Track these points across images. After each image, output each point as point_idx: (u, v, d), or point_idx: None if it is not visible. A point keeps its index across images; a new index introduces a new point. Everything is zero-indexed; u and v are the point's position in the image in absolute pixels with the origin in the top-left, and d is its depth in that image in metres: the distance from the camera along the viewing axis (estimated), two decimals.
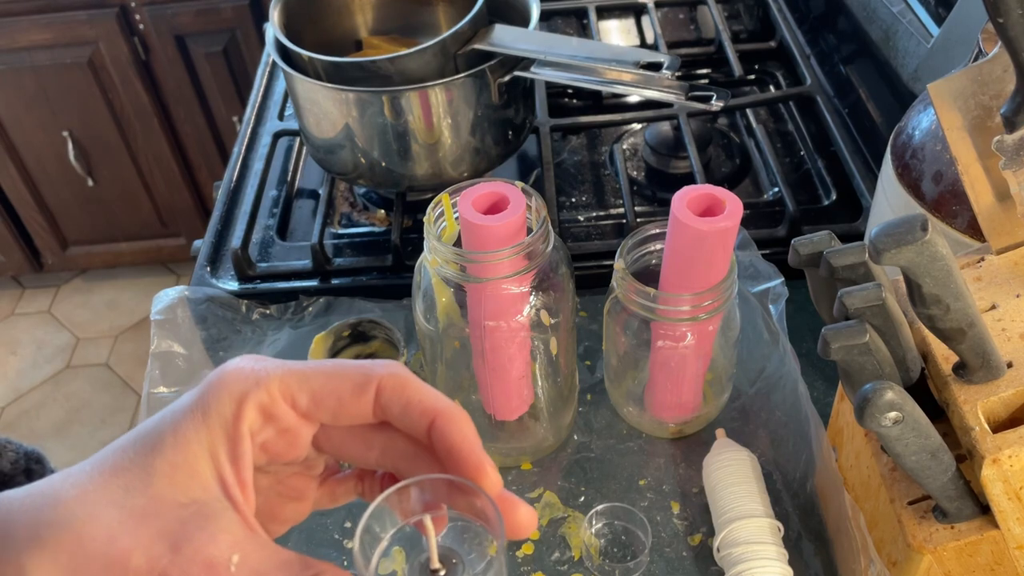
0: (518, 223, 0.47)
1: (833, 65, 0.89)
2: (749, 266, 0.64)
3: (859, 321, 0.37)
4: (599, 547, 0.54)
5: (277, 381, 0.26)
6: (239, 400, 0.26)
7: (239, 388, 0.26)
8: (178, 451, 0.25)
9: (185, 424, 0.25)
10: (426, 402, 0.27)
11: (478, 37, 0.67)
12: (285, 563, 0.25)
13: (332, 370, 0.27)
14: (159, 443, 0.25)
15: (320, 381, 0.27)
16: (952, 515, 0.40)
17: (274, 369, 0.27)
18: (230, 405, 0.26)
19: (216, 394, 0.26)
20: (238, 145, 0.85)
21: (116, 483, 0.25)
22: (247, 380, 0.26)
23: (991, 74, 0.42)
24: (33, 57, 1.48)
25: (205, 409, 0.26)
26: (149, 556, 0.24)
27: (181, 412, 0.26)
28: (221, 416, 0.26)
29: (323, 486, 0.32)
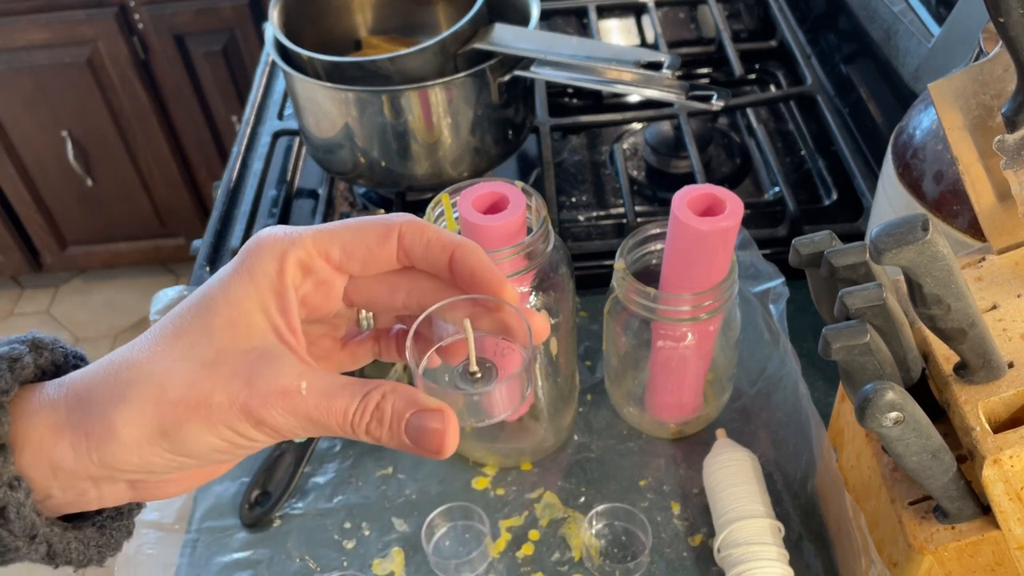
0: (518, 223, 0.47)
1: (834, 64, 0.89)
2: (750, 266, 0.64)
3: (860, 321, 0.37)
4: (599, 548, 0.54)
5: (311, 239, 0.29)
6: (280, 258, 0.28)
7: (279, 248, 0.28)
8: (232, 309, 0.28)
9: (234, 286, 0.28)
10: (444, 238, 0.30)
11: (478, 36, 0.67)
12: (347, 384, 0.28)
13: (357, 225, 0.30)
14: (213, 305, 0.28)
15: (348, 235, 0.29)
16: (953, 515, 0.40)
17: (306, 230, 0.29)
18: (273, 263, 0.28)
19: (259, 255, 0.28)
20: (237, 145, 0.84)
21: (182, 343, 0.27)
22: (284, 240, 0.29)
23: (992, 73, 0.42)
24: (32, 57, 1.48)
25: (251, 270, 0.28)
26: (228, 392, 0.27)
27: (228, 277, 0.28)
28: (266, 274, 0.28)
29: (345, 348, 0.34)
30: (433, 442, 0.28)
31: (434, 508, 0.55)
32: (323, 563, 0.54)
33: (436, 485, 0.58)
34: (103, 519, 0.31)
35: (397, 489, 0.58)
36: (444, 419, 0.28)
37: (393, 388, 0.28)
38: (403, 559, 0.54)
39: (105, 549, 0.31)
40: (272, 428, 0.27)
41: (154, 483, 0.29)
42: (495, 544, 0.54)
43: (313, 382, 0.28)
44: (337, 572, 0.54)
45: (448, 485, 0.58)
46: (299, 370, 0.28)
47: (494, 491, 0.57)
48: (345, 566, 0.54)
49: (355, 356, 0.34)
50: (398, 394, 0.28)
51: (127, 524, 0.32)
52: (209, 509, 0.57)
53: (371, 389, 0.28)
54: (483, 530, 0.54)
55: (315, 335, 0.33)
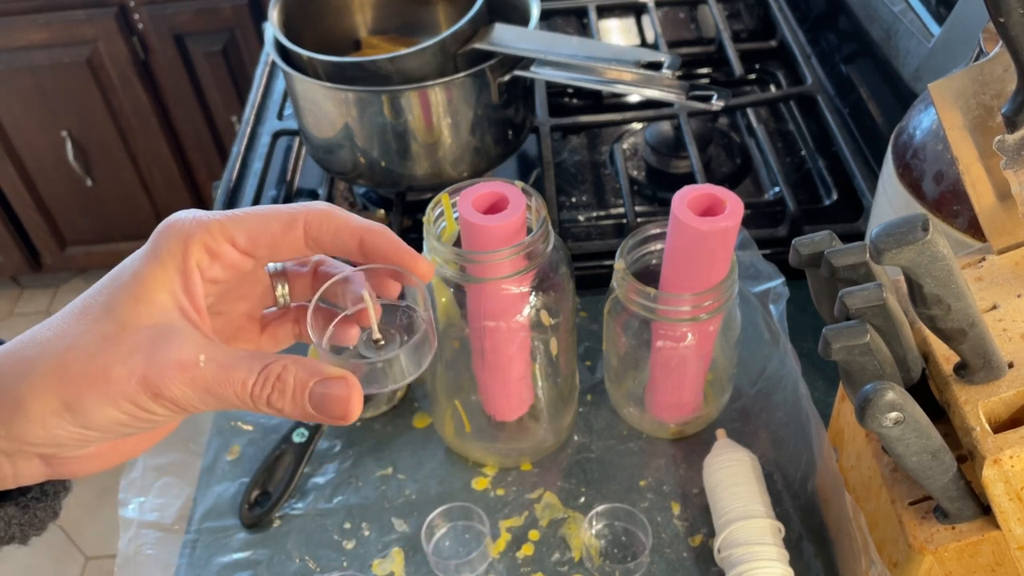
0: (518, 223, 0.47)
1: (834, 64, 0.89)
2: (750, 266, 0.64)
3: (860, 321, 0.37)
4: (599, 548, 0.54)
5: (217, 224, 0.30)
6: (186, 240, 0.30)
7: (185, 231, 0.30)
8: (137, 286, 0.29)
9: (141, 266, 0.29)
10: (352, 224, 0.31)
11: (478, 36, 0.67)
12: (247, 355, 0.29)
13: (263, 212, 0.31)
14: (118, 284, 0.29)
15: (254, 222, 0.31)
16: (953, 516, 0.40)
17: (214, 215, 0.30)
18: (178, 245, 0.29)
19: (165, 239, 0.30)
20: (237, 145, 0.84)
21: (87, 319, 0.28)
22: (192, 224, 0.30)
23: (992, 74, 0.42)
24: (32, 57, 1.48)
25: (157, 251, 0.29)
26: (127, 365, 0.27)
27: (136, 259, 0.30)
28: (172, 256, 0.29)
29: (265, 331, 0.35)
30: (337, 408, 0.29)
31: (434, 508, 0.55)
32: (323, 563, 0.54)
33: (436, 485, 0.58)
34: (27, 499, 0.32)
35: (397, 489, 0.58)
36: (347, 385, 0.29)
37: (294, 360, 0.29)
38: (403, 559, 0.54)
39: (28, 528, 0.32)
40: (171, 401, 0.28)
41: (68, 459, 0.30)
42: (495, 544, 0.54)
43: (212, 354, 0.28)
44: (337, 572, 0.54)
45: (448, 485, 0.58)
46: (200, 344, 0.28)
47: (494, 491, 0.57)
48: (345, 566, 0.54)
49: (276, 338, 0.35)
50: (299, 365, 0.29)
51: (52, 505, 0.33)
52: (209, 509, 0.57)
53: (272, 361, 0.29)
54: (483, 530, 0.54)
55: (235, 316, 0.34)
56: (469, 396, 0.57)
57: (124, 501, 0.54)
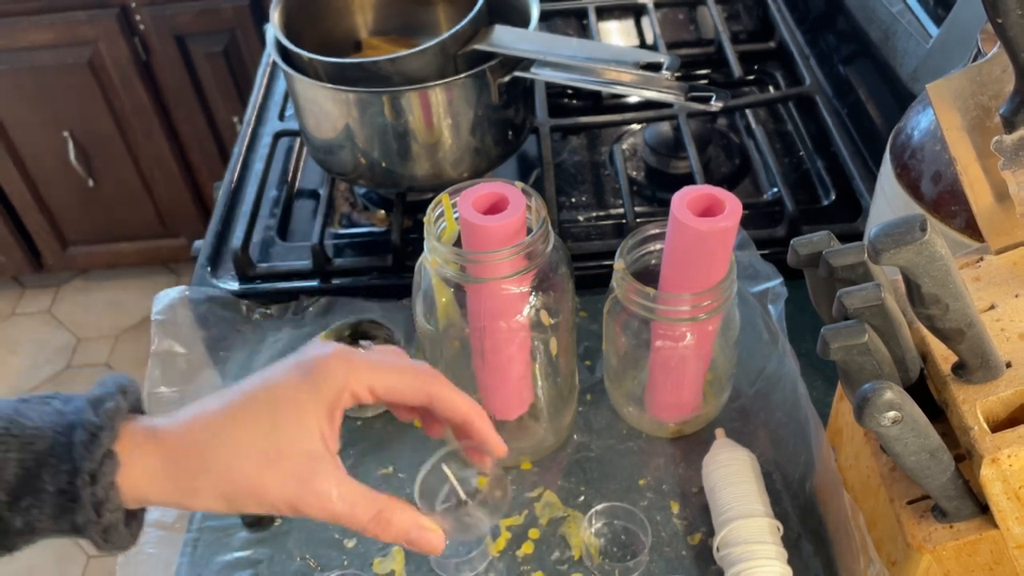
0: (518, 223, 0.47)
1: (832, 65, 0.89)
2: (748, 266, 0.64)
3: (858, 321, 0.37)
4: (599, 547, 0.54)
5: (366, 378, 0.38)
6: (340, 388, 0.37)
7: (341, 379, 0.37)
8: (297, 414, 0.37)
9: (302, 394, 0.37)
10: (461, 410, 0.40)
11: (478, 37, 0.67)
12: (365, 494, 0.37)
13: (404, 378, 0.39)
14: (282, 405, 0.37)
15: (396, 383, 0.39)
16: (951, 515, 0.40)
17: (363, 367, 0.38)
18: (334, 387, 0.37)
19: (325, 377, 0.37)
20: (238, 145, 0.85)
21: (252, 429, 0.36)
22: (346, 375, 0.37)
23: (990, 74, 0.42)
24: (33, 57, 1.48)
25: (317, 386, 0.37)
26: (283, 490, 0.36)
27: (296, 386, 0.37)
28: (326, 397, 0.37)
29: None
30: (427, 549, 0.39)
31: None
32: (324, 562, 0.54)
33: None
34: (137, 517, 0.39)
35: (398, 488, 0.58)
36: (438, 536, 0.39)
37: (400, 507, 0.38)
38: (403, 558, 0.54)
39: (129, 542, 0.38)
40: (305, 515, 0.37)
41: None
42: (495, 543, 0.54)
43: (342, 492, 0.36)
44: (338, 571, 0.54)
45: None
46: (335, 477, 0.37)
47: None
48: (345, 565, 0.54)
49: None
50: (404, 512, 0.38)
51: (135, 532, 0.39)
52: None
53: (383, 507, 0.37)
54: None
55: None
56: (469, 395, 0.57)
57: None
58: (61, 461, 0.34)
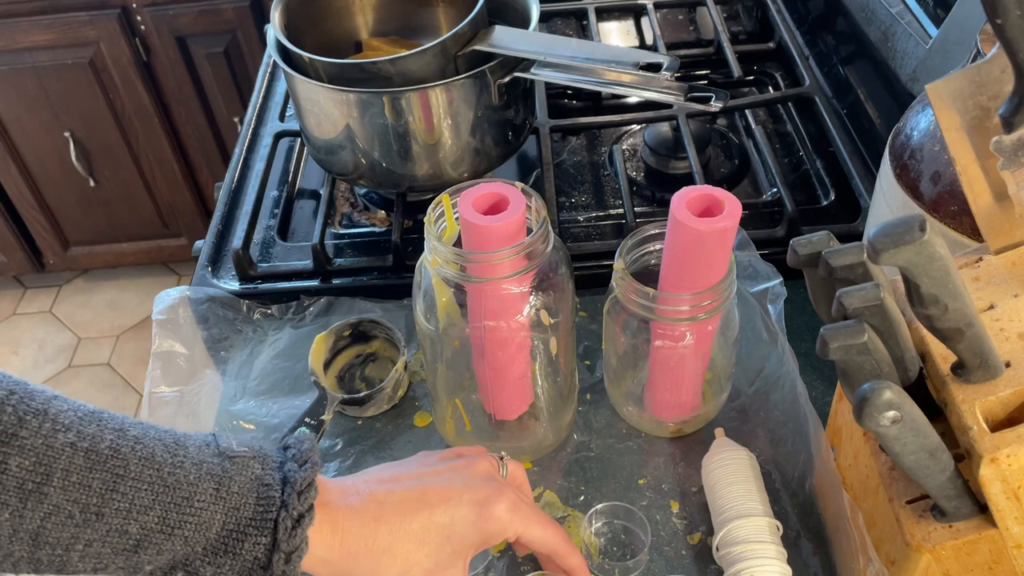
0: (518, 223, 0.47)
1: (832, 66, 0.89)
2: (748, 266, 0.64)
3: (857, 321, 0.37)
4: (599, 546, 0.54)
5: (522, 531, 0.44)
6: (502, 532, 0.44)
7: (506, 532, 0.44)
8: (462, 552, 0.43)
9: (470, 538, 0.43)
10: (572, 566, 0.47)
11: (478, 38, 0.67)
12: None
13: (545, 535, 0.46)
14: (453, 540, 0.42)
15: (538, 538, 0.45)
16: (950, 514, 0.40)
17: (525, 524, 0.44)
18: (495, 538, 0.44)
19: (494, 529, 0.43)
20: (239, 146, 0.85)
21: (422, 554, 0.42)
22: (510, 528, 0.44)
23: (989, 75, 0.42)
24: (35, 58, 1.48)
25: (483, 535, 0.43)
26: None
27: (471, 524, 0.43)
28: (491, 537, 0.44)
29: None
30: None
31: None
32: None
33: None
34: None
35: None
36: None
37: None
38: None
39: None
40: None
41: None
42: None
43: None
44: None
45: None
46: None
47: None
48: None
49: None
50: None
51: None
52: None
53: None
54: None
55: None
56: (469, 395, 0.57)
57: None
58: (261, 534, 0.37)
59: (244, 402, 0.64)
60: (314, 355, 0.62)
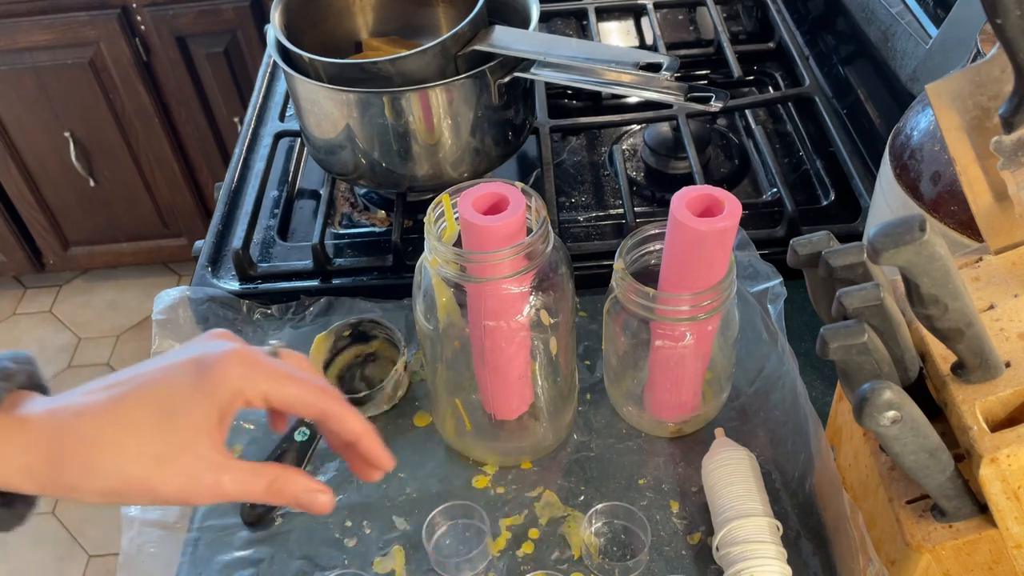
0: (518, 223, 0.47)
1: (832, 66, 0.89)
2: (748, 266, 0.64)
3: (857, 321, 0.37)
4: (599, 546, 0.54)
5: (263, 386, 0.37)
6: (235, 392, 0.37)
7: (238, 383, 0.37)
8: (188, 418, 0.36)
9: (195, 399, 0.36)
10: (355, 429, 0.40)
11: (478, 38, 0.67)
12: (255, 469, 0.38)
13: (301, 391, 0.38)
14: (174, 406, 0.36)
15: (290, 395, 0.38)
16: (950, 514, 0.40)
17: (263, 375, 0.37)
18: (227, 394, 0.37)
19: (220, 381, 0.37)
20: (239, 146, 0.85)
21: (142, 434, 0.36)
22: (243, 379, 0.37)
23: (989, 75, 0.42)
24: (35, 58, 1.48)
25: (210, 392, 0.37)
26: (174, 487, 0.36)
27: (190, 385, 0.37)
28: (220, 400, 0.37)
29: None
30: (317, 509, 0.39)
31: (435, 507, 0.55)
32: (324, 562, 0.54)
33: (437, 484, 0.58)
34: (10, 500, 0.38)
35: (398, 488, 0.58)
36: (327, 496, 0.39)
37: (292, 475, 0.38)
38: (404, 557, 0.54)
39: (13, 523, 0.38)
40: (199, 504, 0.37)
41: None
42: (495, 542, 0.55)
43: (233, 476, 0.37)
44: (338, 571, 0.54)
45: (448, 484, 0.58)
46: (223, 466, 0.37)
47: (494, 490, 0.57)
48: (346, 564, 0.54)
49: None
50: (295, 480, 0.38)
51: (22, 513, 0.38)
52: (211, 508, 0.57)
53: (274, 477, 0.38)
54: (483, 528, 0.54)
55: None
56: (469, 395, 0.57)
57: None
58: None
59: None
60: (314, 355, 0.62)
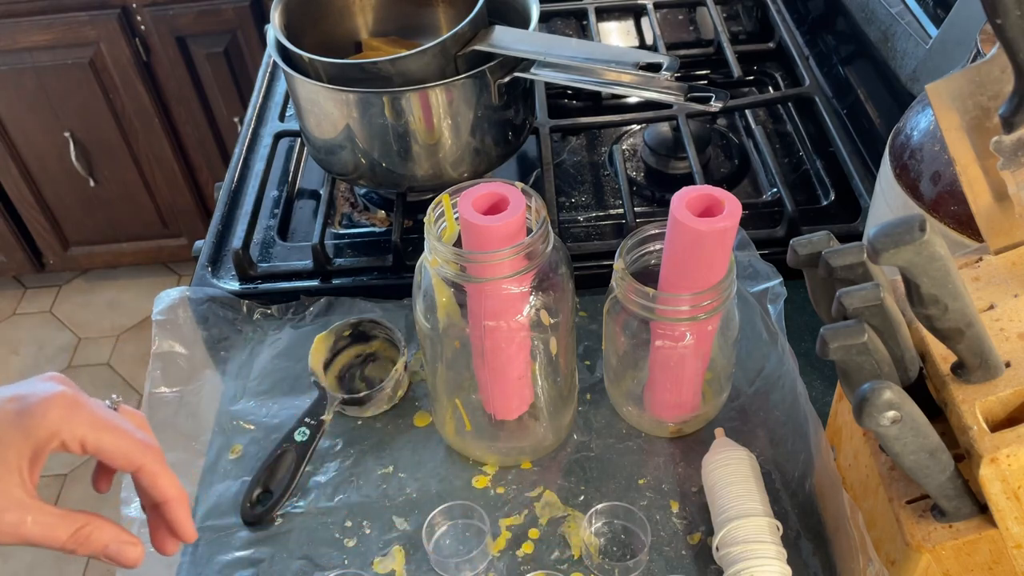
0: (518, 223, 0.47)
1: (832, 66, 0.89)
2: (748, 266, 0.64)
3: (857, 321, 0.37)
4: (599, 546, 0.54)
5: (80, 432, 0.37)
6: (52, 434, 0.37)
7: (55, 425, 0.36)
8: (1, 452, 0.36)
9: (8, 435, 0.36)
10: (166, 492, 0.40)
11: (478, 38, 0.67)
12: (63, 515, 0.37)
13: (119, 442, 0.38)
14: None
15: (107, 445, 0.38)
16: (950, 514, 0.40)
17: (83, 421, 0.37)
18: (44, 434, 0.36)
19: (39, 422, 0.36)
20: (239, 146, 0.85)
21: None
22: (61, 422, 0.37)
23: (989, 75, 0.42)
24: (35, 58, 1.48)
25: (26, 430, 0.36)
26: None
27: (7, 421, 0.36)
28: (35, 439, 0.36)
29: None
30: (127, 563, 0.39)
31: (434, 507, 0.55)
32: (324, 562, 0.54)
33: (436, 484, 0.58)
34: None
35: (398, 488, 0.58)
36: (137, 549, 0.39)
37: (102, 525, 0.38)
38: (404, 557, 0.54)
39: None
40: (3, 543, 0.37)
41: None
42: (495, 542, 0.55)
43: (37, 518, 0.36)
44: (338, 570, 0.54)
45: (448, 484, 0.58)
46: (28, 508, 0.36)
47: (494, 490, 0.57)
48: (346, 564, 0.54)
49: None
50: (105, 530, 0.38)
51: None
52: (211, 508, 0.57)
53: (82, 525, 0.37)
54: (483, 528, 0.54)
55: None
56: (469, 395, 0.57)
57: (126, 500, 0.54)
58: None
59: (244, 402, 0.64)
60: (314, 355, 0.62)
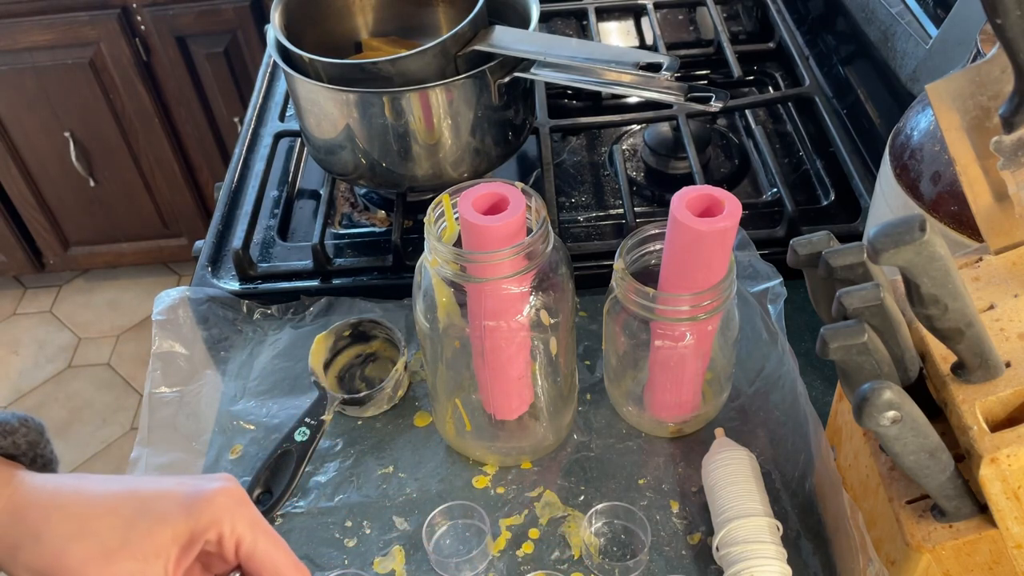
0: (518, 223, 0.47)
1: (832, 66, 0.89)
2: (748, 266, 0.64)
3: (857, 321, 0.37)
4: (599, 546, 0.54)
5: (241, 529, 0.36)
6: (214, 523, 0.35)
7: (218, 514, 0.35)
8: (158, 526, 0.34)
9: (173, 512, 0.35)
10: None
11: (478, 38, 0.67)
12: None
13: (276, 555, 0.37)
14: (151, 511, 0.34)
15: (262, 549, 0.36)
16: (950, 514, 0.40)
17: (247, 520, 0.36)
18: (206, 520, 0.35)
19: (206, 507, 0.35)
20: (239, 146, 0.85)
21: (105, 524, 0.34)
22: (226, 512, 0.35)
23: (989, 75, 0.42)
24: (35, 58, 1.48)
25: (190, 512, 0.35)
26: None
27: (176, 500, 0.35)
28: (195, 524, 0.35)
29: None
30: None
31: (435, 507, 0.55)
32: (324, 561, 0.54)
33: (437, 484, 0.58)
34: None
35: (398, 488, 0.58)
36: None
37: None
38: (404, 557, 0.54)
39: None
40: None
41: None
42: (495, 542, 0.55)
43: None
44: (338, 570, 0.54)
45: (448, 484, 0.58)
46: None
47: (494, 490, 0.57)
48: (346, 564, 0.54)
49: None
50: None
51: None
52: None
53: None
54: (483, 528, 0.54)
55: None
56: (469, 395, 0.57)
57: None
58: None
59: (244, 402, 0.64)
60: (314, 355, 0.62)
